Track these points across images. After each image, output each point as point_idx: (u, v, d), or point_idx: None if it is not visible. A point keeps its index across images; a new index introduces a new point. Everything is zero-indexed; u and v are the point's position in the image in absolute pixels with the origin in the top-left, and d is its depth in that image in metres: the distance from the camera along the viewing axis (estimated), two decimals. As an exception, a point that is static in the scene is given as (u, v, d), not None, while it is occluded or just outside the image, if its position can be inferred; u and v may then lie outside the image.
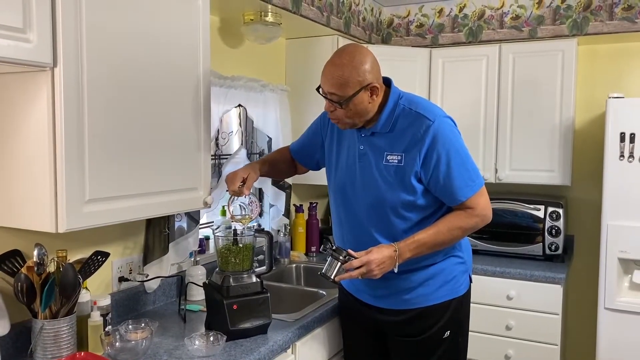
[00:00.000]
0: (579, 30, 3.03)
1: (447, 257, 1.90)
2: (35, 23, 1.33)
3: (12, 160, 1.49)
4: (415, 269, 1.87)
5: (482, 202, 1.83)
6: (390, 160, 1.83)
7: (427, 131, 1.77)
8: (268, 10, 2.46)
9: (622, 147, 2.63)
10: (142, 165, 1.66)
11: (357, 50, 1.79)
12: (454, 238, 1.85)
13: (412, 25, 3.48)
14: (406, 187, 1.81)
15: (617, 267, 2.68)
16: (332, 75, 1.76)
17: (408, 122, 1.82)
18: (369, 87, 1.77)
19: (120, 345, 1.66)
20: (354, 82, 1.74)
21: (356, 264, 1.73)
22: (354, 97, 1.76)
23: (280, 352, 1.85)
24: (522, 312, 2.86)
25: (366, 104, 1.79)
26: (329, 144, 2.05)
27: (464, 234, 1.86)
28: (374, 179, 1.85)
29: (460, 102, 3.22)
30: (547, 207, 3.02)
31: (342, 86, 1.75)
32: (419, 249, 1.79)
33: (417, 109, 1.82)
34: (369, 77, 1.76)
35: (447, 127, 1.80)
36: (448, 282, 1.90)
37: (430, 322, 1.89)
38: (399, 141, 1.82)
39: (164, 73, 1.73)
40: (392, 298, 1.91)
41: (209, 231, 2.63)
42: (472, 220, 1.82)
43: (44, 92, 1.41)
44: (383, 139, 1.85)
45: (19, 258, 1.61)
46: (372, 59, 1.80)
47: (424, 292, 1.88)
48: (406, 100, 1.85)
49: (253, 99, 2.69)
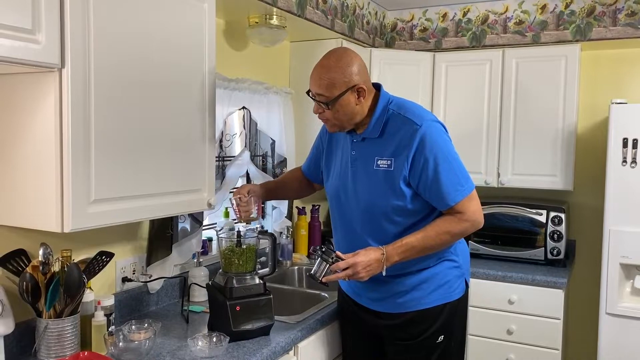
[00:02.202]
0: (582, 35, 3.04)
1: (441, 261, 1.91)
2: (43, 24, 1.35)
3: (18, 160, 1.50)
4: (408, 273, 1.88)
5: (472, 207, 1.81)
6: (381, 165, 1.84)
7: (415, 135, 1.77)
8: (273, 13, 2.47)
9: (624, 152, 2.64)
10: (146, 167, 1.68)
11: (344, 52, 1.83)
12: (443, 242, 1.83)
13: (416, 29, 3.49)
14: (396, 192, 1.81)
15: (618, 273, 2.68)
16: (319, 76, 1.79)
17: (397, 127, 1.82)
18: (356, 88, 1.79)
19: (123, 345, 1.67)
20: (340, 82, 1.77)
21: (342, 265, 1.75)
22: (340, 98, 1.78)
23: (283, 354, 1.86)
24: (524, 316, 2.86)
25: (353, 106, 1.81)
26: (326, 152, 2.08)
27: (453, 238, 1.84)
28: (364, 184, 1.87)
29: (463, 107, 3.23)
30: (549, 211, 3.02)
31: (328, 87, 1.77)
32: (407, 252, 1.79)
33: (406, 114, 1.83)
34: (355, 79, 1.78)
35: (434, 132, 1.79)
36: (441, 286, 1.90)
37: (424, 327, 1.90)
38: (388, 146, 1.83)
39: (169, 75, 1.74)
40: (387, 301, 1.93)
41: (212, 232, 2.63)
42: (462, 225, 1.80)
43: (51, 93, 1.42)
44: (373, 144, 1.87)
45: (23, 257, 1.62)
46: (360, 62, 1.82)
47: (418, 295, 1.89)
48: (395, 105, 1.86)
49: (257, 102, 2.70)
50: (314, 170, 2.19)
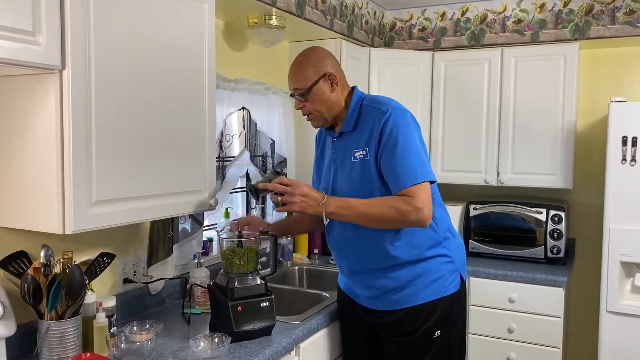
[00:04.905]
0: (581, 34, 3.04)
1: (434, 255, 1.93)
2: (44, 26, 1.35)
3: (20, 162, 1.50)
4: (399, 265, 1.89)
5: (422, 196, 1.77)
6: (357, 157, 1.90)
7: (381, 119, 1.84)
8: (272, 13, 2.47)
9: (624, 150, 2.64)
10: (147, 168, 1.68)
11: (314, 49, 1.98)
12: (384, 216, 1.79)
13: (415, 28, 3.50)
14: (373, 181, 1.85)
15: (619, 270, 2.69)
16: (293, 72, 1.94)
17: (368, 117, 1.90)
18: (327, 76, 1.90)
19: (125, 347, 1.67)
20: (311, 73, 1.89)
21: (285, 181, 1.82)
22: (314, 87, 1.89)
23: (285, 354, 1.86)
24: (524, 315, 2.87)
25: (328, 94, 1.91)
26: (318, 160, 2.14)
27: (395, 216, 1.77)
28: (345, 179, 1.93)
29: (463, 105, 3.23)
30: (549, 210, 3.03)
31: (302, 80, 1.90)
32: (345, 209, 1.82)
33: (374, 105, 1.91)
34: (325, 68, 1.91)
35: (399, 116, 1.84)
36: (435, 281, 1.92)
37: (419, 322, 1.91)
38: (362, 136, 1.90)
39: (169, 76, 1.74)
40: (383, 299, 1.95)
41: (213, 233, 2.63)
42: (407, 207, 1.76)
43: (52, 95, 1.42)
44: (349, 138, 1.94)
45: (25, 259, 1.62)
46: (330, 56, 1.96)
47: (411, 291, 1.91)
48: (368, 100, 1.95)
49: (257, 102, 2.71)
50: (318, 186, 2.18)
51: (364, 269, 1.96)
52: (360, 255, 1.94)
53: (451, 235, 2.01)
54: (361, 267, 1.97)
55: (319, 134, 2.15)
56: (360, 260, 1.96)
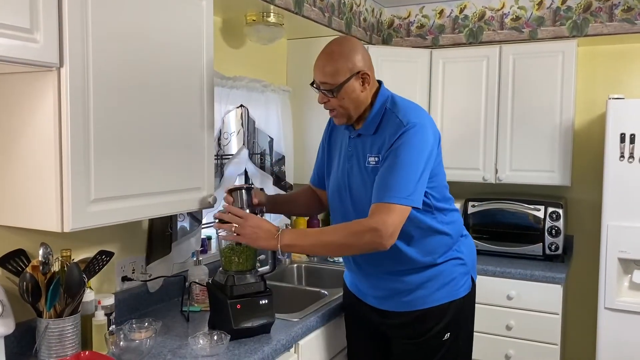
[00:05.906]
0: (579, 31, 3.04)
1: (447, 259, 1.90)
2: (42, 23, 1.34)
3: (18, 160, 1.49)
4: (412, 270, 1.86)
5: (388, 218, 1.64)
6: (371, 162, 1.81)
7: (398, 132, 1.73)
8: (270, 11, 2.47)
9: (622, 147, 2.65)
10: (146, 165, 1.67)
11: (347, 39, 1.82)
12: (340, 240, 1.70)
13: (413, 26, 3.49)
14: None
15: (617, 267, 2.69)
16: (323, 64, 1.78)
17: (388, 125, 1.79)
18: (360, 74, 1.77)
19: (124, 345, 1.66)
20: (344, 69, 1.75)
21: (240, 213, 1.75)
22: (345, 84, 1.76)
23: (284, 352, 1.86)
24: (523, 312, 2.87)
25: (358, 92, 1.79)
26: (328, 151, 2.05)
27: (352, 240, 1.68)
28: (358, 181, 1.86)
29: (461, 103, 3.23)
30: (547, 207, 3.03)
31: (333, 74, 1.75)
32: (300, 239, 1.74)
33: (398, 113, 1.78)
34: (359, 65, 1.77)
35: (414, 136, 1.73)
36: (447, 284, 1.89)
37: (430, 325, 1.89)
38: (378, 143, 1.80)
39: (168, 73, 1.74)
40: (393, 300, 1.92)
41: (212, 231, 2.63)
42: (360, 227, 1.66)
43: (50, 92, 1.41)
44: (367, 141, 1.85)
45: (23, 257, 1.61)
46: (363, 49, 1.81)
47: (423, 294, 1.88)
48: (392, 103, 1.83)
49: (255, 100, 2.70)
50: (322, 179, 2.11)
51: (374, 270, 1.91)
52: (371, 256, 1.84)
53: (463, 236, 1.98)
54: (371, 268, 1.92)
55: (331, 121, 2.03)
56: (370, 262, 1.90)
